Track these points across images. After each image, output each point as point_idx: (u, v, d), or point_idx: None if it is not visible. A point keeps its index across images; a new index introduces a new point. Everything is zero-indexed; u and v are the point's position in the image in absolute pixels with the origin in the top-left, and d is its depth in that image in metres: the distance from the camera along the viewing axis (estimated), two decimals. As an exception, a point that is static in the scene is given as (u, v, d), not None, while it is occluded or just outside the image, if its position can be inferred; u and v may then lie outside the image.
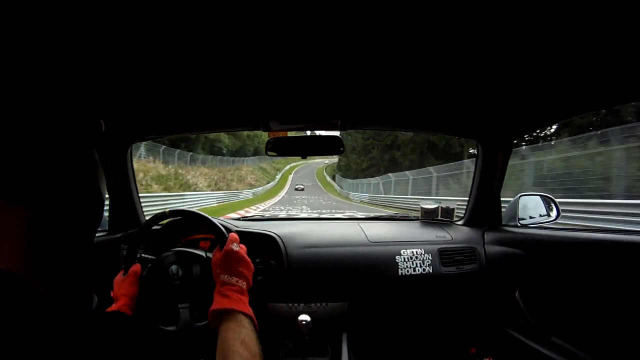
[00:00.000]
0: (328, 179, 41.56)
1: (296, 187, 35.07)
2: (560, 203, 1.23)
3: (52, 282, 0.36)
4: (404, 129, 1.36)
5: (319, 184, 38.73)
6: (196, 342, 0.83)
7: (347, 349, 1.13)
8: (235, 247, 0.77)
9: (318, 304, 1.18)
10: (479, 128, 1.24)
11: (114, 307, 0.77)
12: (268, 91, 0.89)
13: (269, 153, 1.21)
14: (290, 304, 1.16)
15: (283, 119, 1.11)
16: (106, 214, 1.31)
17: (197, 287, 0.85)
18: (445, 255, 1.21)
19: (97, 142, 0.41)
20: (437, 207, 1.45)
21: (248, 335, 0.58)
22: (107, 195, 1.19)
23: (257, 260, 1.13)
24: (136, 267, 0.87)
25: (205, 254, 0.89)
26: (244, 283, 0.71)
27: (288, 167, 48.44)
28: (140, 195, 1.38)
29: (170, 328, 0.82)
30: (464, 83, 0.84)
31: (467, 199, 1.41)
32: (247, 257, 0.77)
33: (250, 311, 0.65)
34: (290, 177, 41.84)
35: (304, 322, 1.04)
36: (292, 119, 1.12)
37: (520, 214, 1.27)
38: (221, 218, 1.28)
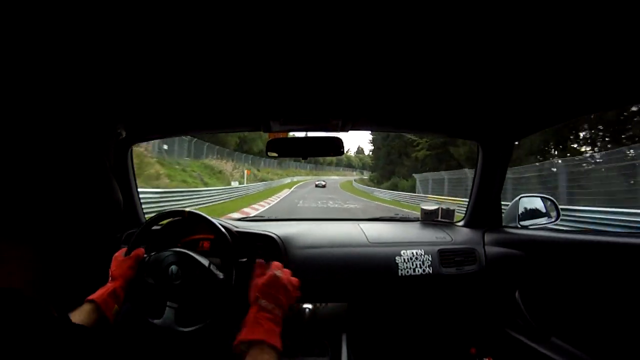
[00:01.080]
0: (381, 194, 20.99)
1: (317, 183, 29.23)
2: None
3: (60, 294, 0.36)
4: (406, 131, 1.36)
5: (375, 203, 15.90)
6: (175, 346, 0.84)
7: (346, 349, 1.14)
8: (279, 273, 0.74)
9: (318, 304, 1.18)
10: (479, 129, 1.24)
11: (109, 286, 0.79)
12: (268, 92, 0.89)
13: (269, 154, 1.21)
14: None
15: (284, 119, 1.11)
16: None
17: (191, 291, 0.86)
18: (445, 256, 1.21)
19: (114, 149, 0.40)
20: (438, 208, 1.45)
21: None
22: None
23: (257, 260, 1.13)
24: (139, 251, 0.88)
25: (209, 265, 0.89)
26: (281, 312, 0.69)
27: (288, 180, 30.12)
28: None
29: (155, 321, 0.83)
30: (464, 84, 0.84)
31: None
32: (291, 284, 0.75)
33: (279, 344, 0.62)
34: (286, 192, 20.78)
35: (307, 310, 1.10)
36: (293, 120, 1.12)
37: (521, 215, 1.27)
38: (222, 218, 1.28)
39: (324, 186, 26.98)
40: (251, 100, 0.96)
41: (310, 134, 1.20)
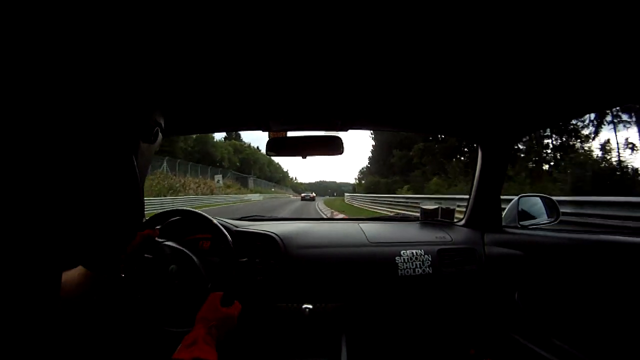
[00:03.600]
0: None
1: (303, 195, 27.06)
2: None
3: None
4: (406, 130, 1.36)
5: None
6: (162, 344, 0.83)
7: (345, 350, 1.13)
8: (235, 315, 0.79)
9: (317, 304, 1.18)
10: (479, 130, 1.24)
11: None
12: (269, 91, 0.90)
13: (268, 153, 1.21)
14: (290, 304, 1.16)
15: (284, 119, 1.11)
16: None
17: (185, 293, 0.85)
18: (444, 256, 1.21)
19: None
20: (437, 208, 1.44)
21: None
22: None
23: (257, 260, 1.13)
24: (150, 231, 0.87)
25: (200, 262, 0.89)
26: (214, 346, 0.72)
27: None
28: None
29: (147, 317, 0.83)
30: (464, 85, 0.84)
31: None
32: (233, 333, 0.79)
33: None
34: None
35: (306, 310, 1.10)
36: (293, 119, 1.12)
37: (521, 216, 1.27)
38: (221, 218, 1.27)
39: (312, 199, 21.31)
40: (251, 99, 0.96)
41: (310, 133, 1.19)
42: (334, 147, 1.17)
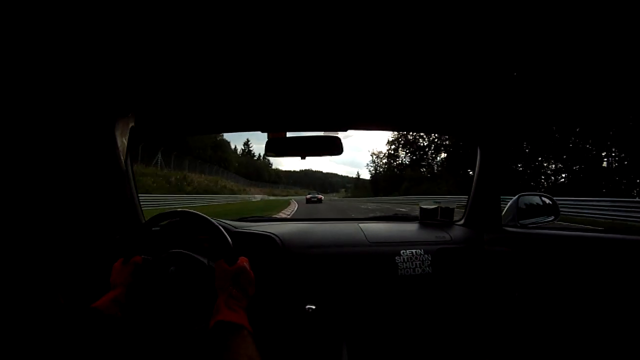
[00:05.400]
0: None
1: (309, 197, 24.79)
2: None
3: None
4: (406, 130, 1.37)
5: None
6: (188, 345, 0.83)
7: (346, 350, 1.13)
8: (247, 266, 0.80)
9: (317, 305, 1.18)
10: (478, 130, 1.25)
11: (110, 293, 0.78)
12: (268, 93, 0.90)
13: (267, 154, 1.21)
14: (289, 305, 1.16)
15: (283, 119, 1.11)
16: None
17: (193, 290, 0.85)
18: (444, 255, 1.21)
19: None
20: (437, 208, 1.44)
21: (255, 353, 0.59)
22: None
23: (256, 261, 1.13)
24: (137, 258, 0.88)
25: (208, 262, 0.89)
26: (245, 303, 0.73)
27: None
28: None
29: (163, 326, 0.82)
30: (464, 86, 0.85)
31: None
32: (253, 279, 0.80)
33: (251, 330, 0.65)
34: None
35: (306, 310, 1.09)
36: (292, 120, 1.12)
37: (520, 214, 1.27)
38: (220, 219, 1.28)
39: (318, 201, 20.79)
40: (252, 101, 0.96)
41: (309, 133, 1.19)
42: (333, 147, 1.17)
